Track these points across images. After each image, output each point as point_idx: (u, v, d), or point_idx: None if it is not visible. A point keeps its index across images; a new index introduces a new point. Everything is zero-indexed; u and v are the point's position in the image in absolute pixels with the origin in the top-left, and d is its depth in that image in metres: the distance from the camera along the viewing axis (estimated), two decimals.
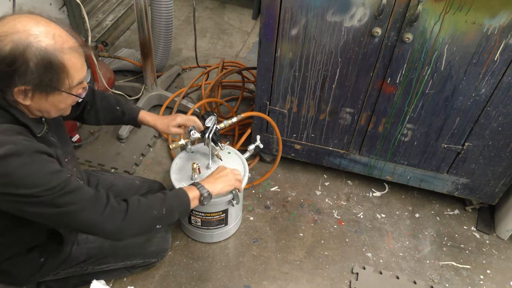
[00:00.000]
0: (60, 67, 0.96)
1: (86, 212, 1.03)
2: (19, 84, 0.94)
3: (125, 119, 1.48)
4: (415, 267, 1.71)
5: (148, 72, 2.19)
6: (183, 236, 1.76)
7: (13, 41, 0.90)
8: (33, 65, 0.92)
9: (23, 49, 0.91)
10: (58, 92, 1.01)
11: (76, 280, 1.49)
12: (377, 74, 1.54)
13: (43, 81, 0.96)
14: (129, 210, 1.09)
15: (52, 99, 1.02)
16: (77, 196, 1.02)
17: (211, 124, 1.45)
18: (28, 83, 0.94)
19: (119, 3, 2.95)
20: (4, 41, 0.90)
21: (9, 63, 0.91)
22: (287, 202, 1.93)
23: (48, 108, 1.05)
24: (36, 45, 0.92)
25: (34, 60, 0.92)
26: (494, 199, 1.81)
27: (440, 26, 1.35)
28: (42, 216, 1.00)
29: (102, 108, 1.43)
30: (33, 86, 0.95)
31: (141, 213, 1.12)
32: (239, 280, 1.62)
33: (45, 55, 0.93)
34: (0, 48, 0.90)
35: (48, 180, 0.96)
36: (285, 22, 1.48)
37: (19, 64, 0.91)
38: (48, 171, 0.97)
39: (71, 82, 1.01)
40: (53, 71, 0.96)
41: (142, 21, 1.96)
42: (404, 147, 1.74)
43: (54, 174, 0.98)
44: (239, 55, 2.83)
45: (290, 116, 1.79)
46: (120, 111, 1.46)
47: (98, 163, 2.03)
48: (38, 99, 1.00)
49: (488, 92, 1.47)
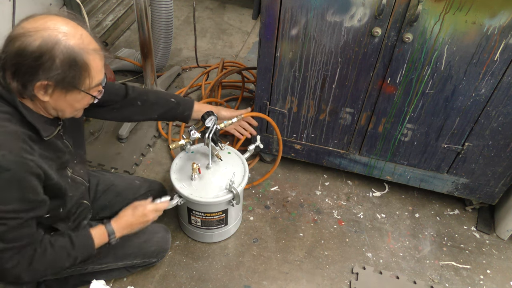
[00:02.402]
0: (84, 67, 1.00)
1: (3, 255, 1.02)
2: (42, 78, 0.97)
3: (179, 110, 1.49)
4: (415, 267, 1.71)
5: (148, 72, 2.19)
6: (183, 236, 1.76)
7: (42, 37, 0.94)
8: (59, 61, 0.96)
9: (52, 45, 0.95)
10: (77, 91, 1.04)
11: (76, 280, 1.48)
12: (377, 74, 1.54)
13: (65, 78, 0.99)
14: (33, 262, 1.08)
15: (70, 97, 1.04)
16: (8, 235, 1.01)
17: (211, 124, 1.45)
18: (51, 79, 0.97)
19: (119, 3, 2.95)
20: (33, 36, 0.94)
21: (36, 57, 0.94)
22: (287, 202, 1.93)
23: (65, 107, 1.06)
24: (64, 43, 0.96)
25: (60, 56, 0.96)
26: (494, 199, 1.81)
27: (440, 26, 1.35)
28: None
29: (156, 101, 1.46)
30: (55, 82, 0.98)
31: (46, 264, 1.11)
32: (239, 280, 1.62)
33: (71, 53, 0.97)
34: (29, 42, 0.94)
35: (9, 202, 0.98)
36: (285, 22, 1.49)
37: (46, 59, 0.95)
38: (16, 197, 0.98)
39: (91, 83, 1.04)
40: (77, 69, 0.99)
41: (142, 21, 1.96)
42: (404, 147, 1.74)
43: (19, 202, 0.99)
44: (239, 55, 2.83)
45: (290, 116, 1.79)
46: (174, 102, 1.48)
47: (98, 163, 2.03)
48: (57, 96, 1.02)
49: (488, 92, 1.47)
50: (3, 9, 1.93)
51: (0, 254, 1.02)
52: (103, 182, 1.55)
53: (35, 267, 1.08)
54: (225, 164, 1.60)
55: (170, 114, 1.51)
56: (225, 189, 1.53)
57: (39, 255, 1.09)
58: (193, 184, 1.52)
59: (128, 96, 1.43)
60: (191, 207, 1.58)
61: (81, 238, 1.21)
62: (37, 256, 1.09)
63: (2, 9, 1.93)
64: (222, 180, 1.55)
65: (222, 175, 1.57)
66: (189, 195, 1.49)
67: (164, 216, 1.82)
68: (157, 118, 1.52)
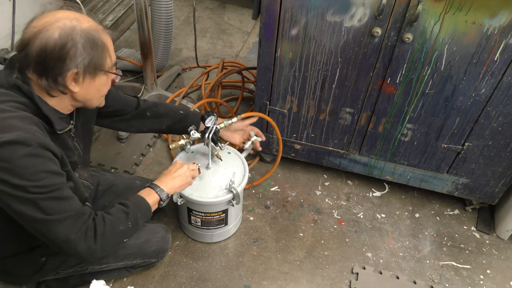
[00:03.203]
0: (102, 46, 1.04)
1: (62, 227, 1.01)
2: (71, 67, 0.99)
3: (187, 122, 1.52)
4: (415, 267, 1.71)
5: (148, 72, 2.19)
6: (183, 236, 1.76)
7: (59, 27, 0.97)
8: (81, 46, 0.99)
9: (70, 31, 0.98)
10: (102, 73, 1.07)
11: (76, 280, 1.49)
12: (377, 74, 1.54)
13: (91, 61, 1.02)
14: (98, 231, 1.07)
15: (98, 81, 1.07)
16: (62, 205, 1.00)
17: (211, 124, 1.45)
18: (79, 65, 1.00)
19: (119, 3, 2.95)
20: (51, 30, 0.97)
21: (61, 47, 0.97)
22: (287, 202, 1.93)
23: (93, 94, 1.09)
24: (79, 27, 0.99)
25: (81, 41, 0.99)
26: (494, 199, 1.81)
27: (440, 26, 1.35)
28: (22, 217, 0.98)
29: (166, 113, 1.50)
30: (83, 68, 1.01)
31: (109, 231, 1.10)
32: (239, 280, 1.62)
33: (89, 35, 1.00)
34: (49, 36, 0.96)
35: (42, 177, 0.96)
36: (285, 22, 1.48)
37: (70, 46, 0.97)
38: (46, 169, 0.97)
39: (111, 61, 1.09)
40: (98, 49, 1.03)
41: (142, 21, 1.96)
42: (404, 147, 1.74)
43: (51, 174, 0.98)
44: (239, 55, 2.83)
45: (290, 116, 1.79)
46: (183, 114, 1.52)
47: (98, 163, 2.03)
48: (87, 83, 1.05)
49: (488, 92, 1.47)
50: (3, 9, 1.93)
51: (58, 225, 1.00)
52: (103, 182, 1.55)
53: (100, 233, 1.07)
54: (225, 164, 1.60)
55: (179, 126, 1.53)
56: (225, 189, 1.53)
57: (99, 220, 1.09)
58: (193, 184, 1.52)
59: (139, 107, 1.47)
60: (191, 207, 1.58)
61: (132, 199, 1.22)
62: (98, 221, 1.08)
63: (2, 9, 1.93)
64: (222, 180, 1.55)
65: (222, 175, 1.57)
66: (189, 195, 1.49)
67: (164, 216, 1.82)
68: (166, 130, 1.55)
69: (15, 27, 1.97)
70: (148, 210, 1.22)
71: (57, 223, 1.00)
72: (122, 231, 1.14)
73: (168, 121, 1.52)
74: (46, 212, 0.98)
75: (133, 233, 1.19)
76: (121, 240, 1.15)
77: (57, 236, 1.01)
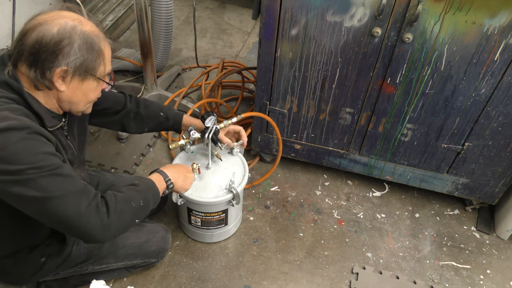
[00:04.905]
0: (99, 52, 1.04)
1: (70, 202, 0.96)
2: (62, 64, 0.99)
3: (169, 124, 1.51)
4: (415, 267, 1.71)
5: (148, 72, 2.19)
6: (183, 236, 1.76)
7: (60, 24, 0.98)
8: (77, 46, 0.99)
9: (70, 30, 0.98)
10: (93, 78, 1.06)
11: (76, 280, 1.49)
12: (377, 74, 1.54)
13: (83, 63, 1.01)
14: (110, 206, 1.04)
15: (86, 85, 1.06)
16: (64, 182, 0.97)
17: (211, 124, 1.45)
18: (70, 64, 0.99)
19: (119, 3, 2.95)
20: (51, 24, 0.97)
21: (56, 43, 0.97)
22: (287, 202, 1.93)
23: (79, 97, 1.08)
24: (80, 28, 1.00)
25: (78, 41, 0.99)
26: (494, 199, 1.81)
27: (440, 26, 1.35)
28: (24, 201, 0.95)
29: (147, 115, 1.48)
30: (73, 68, 1.01)
31: (122, 207, 1.07)
32: (239, 280, 1.62)
33: (88, 38, 1.01)
34: (47, 30, 0.97)
35: (40, 158, 0.93)
36: (285, 22, 1.48)
37: (65, 44, 0.98)
38: (43, 151, 0.95)
39: (104, 70, 1.08)
40: (94, 54, 1.02)
41: (142, 21, 1.96)
42: (404, 147, 1.74)
43: (48, 155, 0.96)
44: (239, 55, 2.83)
45: (290, 116, 1.79)
46: (163, 117, 1.50)
47: (98, 163, 2.03)
48: (74, 84, 1.04)
49: (488, 92, 1.47)
50: (3, 9, 1.93)
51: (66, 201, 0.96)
52: (103, 182, 1.55)
53: (113, 207, 1.04)
54: (225, 164, 1.60)
55: (160, 127, 1.54)
56: (225, 189, 1.53)
57: (110, 197, 1.06)
58: (193, 184, 1.52)
59: (125, 107, 1.45)
60: (191, 207, 1.58)
61: (141, 181, 1.20)
62: (109, 198, 1.05)
63: (2, 9, 1.93)
64: (222, 180, 1.55)
65: (222, 175, 1.57)
66: (189, 195, 1.49)
67: (164, 216, 1.82)
68: (149, 131, 1.55)
69: (15, 27, 1.97)
70: (157, 194, 1.21)
71: (64, 199, 0.96)
72: (134, 209, 1.10)
73: (149, 125, 1.51)
74: (49, 189, 0.94)
75: (143, 215, 1.16)
76: (133, 219, 1.11)
77: (66, 214, 0.96)
